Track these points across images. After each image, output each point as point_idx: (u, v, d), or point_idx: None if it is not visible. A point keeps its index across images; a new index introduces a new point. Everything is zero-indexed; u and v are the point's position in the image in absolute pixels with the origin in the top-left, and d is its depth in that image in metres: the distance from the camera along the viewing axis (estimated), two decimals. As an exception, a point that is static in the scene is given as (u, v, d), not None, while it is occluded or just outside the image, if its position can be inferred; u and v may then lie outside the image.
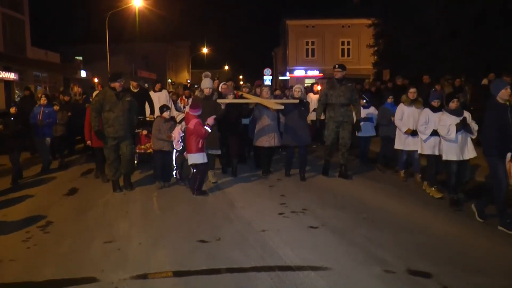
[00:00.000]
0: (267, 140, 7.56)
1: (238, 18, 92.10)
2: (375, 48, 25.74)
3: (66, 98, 11.26)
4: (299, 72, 35.32)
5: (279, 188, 7.00)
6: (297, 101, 7.42)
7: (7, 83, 23.10)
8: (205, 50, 53.49)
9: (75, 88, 28.73)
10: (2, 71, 22.13)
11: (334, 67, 7.66)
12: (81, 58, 37.86)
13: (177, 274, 3.84)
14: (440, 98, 6.62)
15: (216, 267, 3.95)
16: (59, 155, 9.60)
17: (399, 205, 6.04)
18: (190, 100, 10.31)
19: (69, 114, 10.09)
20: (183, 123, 6.80)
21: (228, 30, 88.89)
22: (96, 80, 30.17)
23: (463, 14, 16.62)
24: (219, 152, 7.35)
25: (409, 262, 4.05)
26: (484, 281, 3.71)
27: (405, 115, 7.26)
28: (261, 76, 31.03)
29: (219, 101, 7.23)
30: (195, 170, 6.62)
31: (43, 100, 9.15)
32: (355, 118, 7.72)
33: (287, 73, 35.91)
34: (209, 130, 6.53)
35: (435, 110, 6.44)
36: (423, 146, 6.65)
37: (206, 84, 7.29)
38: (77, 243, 4.67)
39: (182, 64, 55.27)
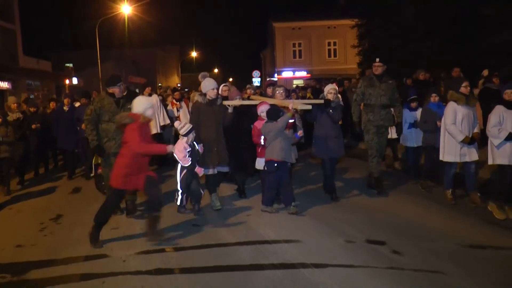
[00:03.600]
0: None
1: (225, 21, 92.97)
2: (360, 49, 26.64)
3: (32, 109, 9.52)
4: (287, 74, 35.97)
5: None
6: (322, 101, 6.09)
7: (0, 92, 23.65)
8: (194, 54, 54.22)
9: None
10: (-4, 80, 22.74)
11: (374, 62, 6.58)
12: (71, 65, 38.38)
13: (174, 249, 4.61)
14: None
15: (207, 243, 4.72)
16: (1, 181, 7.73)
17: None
18: (182, 103, 10.16)
19: (35, 126, 8.91)
20: (190, 135, 5.64)
21: (216, 33, 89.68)
22: (67, 82, 29.25)
23: (438, 15, 17.64)
24: (227, 169, 6.22)
25: (369, 234, 4.84)
26: (430, 245, 4.51)
27: (458, 118, 5.77)
28: (250, 78, 31.61)
29: (225, 103, 6.11)
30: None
31: None
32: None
33: (275, 75, 36.61)
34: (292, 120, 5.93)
35: (510, 106, 5.41)
36: (495, 154, 5.44)
37: (211, 84, 6.00)
38: (86, 231, 5.32)
39: (171, 68, 55.89)
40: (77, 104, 9.55)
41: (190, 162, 5.60)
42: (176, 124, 5.83)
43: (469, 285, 3.63)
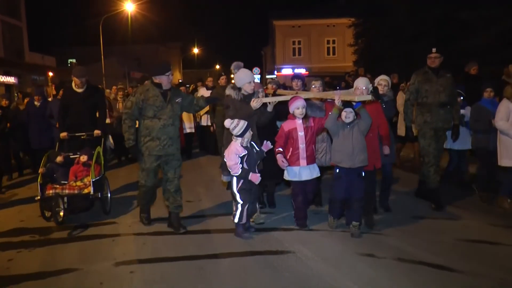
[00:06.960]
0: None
1: (227, 19, 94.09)
2: (356, 48, 27.46)
3: (4, 103, 8.11)
4: (286, 71, 36.63)
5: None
6: (369, 97, 4.49)
7: (7, 86, 24.69)
8: (196, 51, 55.23)
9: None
10: (3, 75, 23.74)
11: (430, 53, 5.60)
12: (74, 60, 39.37)
13: (171, 219, 5.60)
14: None
15: (197, 215, 5.70)
16: None
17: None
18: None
19: (9, 125, 7.73)
20: (247, 134, 4.63)
21: (218, 30, 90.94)
22: (50, 74, 27.91)
23: (426, 17, 18.56)
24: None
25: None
26: (381, 217, 5.44)
27: None
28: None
29: (265, 100, 4.89)
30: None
31: None
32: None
33: (275, 72, 37.51)
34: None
35: None
36: None
37: (248, 77, 4.99)
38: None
39: (173, 65, 56.78)
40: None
41: (240, 171, 4.59)
42: (227, 123, 4.66)
43: (402, 243, 4.57)
